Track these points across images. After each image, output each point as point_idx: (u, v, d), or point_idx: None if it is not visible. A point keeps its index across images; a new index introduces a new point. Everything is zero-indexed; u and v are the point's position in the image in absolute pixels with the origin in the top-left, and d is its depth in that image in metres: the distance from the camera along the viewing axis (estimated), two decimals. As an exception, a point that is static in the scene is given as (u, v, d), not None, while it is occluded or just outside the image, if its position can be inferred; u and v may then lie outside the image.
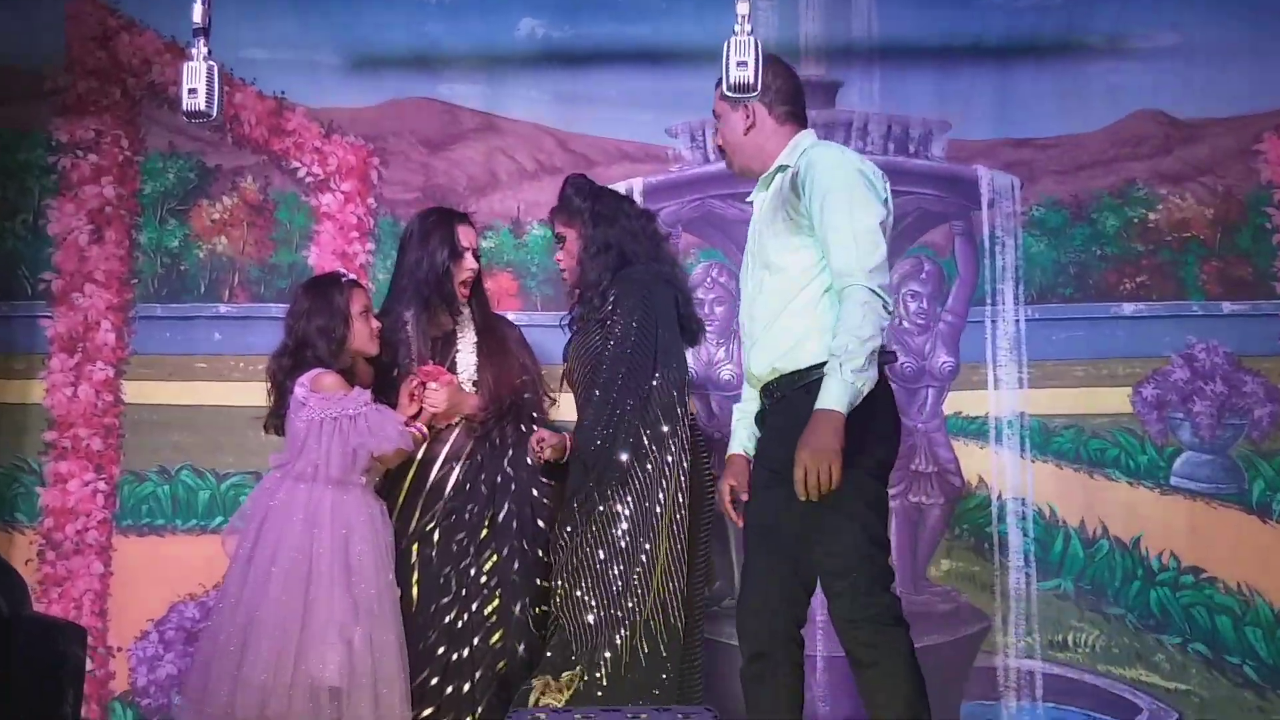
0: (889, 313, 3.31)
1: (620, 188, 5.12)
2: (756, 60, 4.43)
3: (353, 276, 4.39)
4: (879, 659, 3.32)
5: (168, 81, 5.16)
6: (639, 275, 4.14)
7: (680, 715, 3.32)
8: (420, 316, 4.30)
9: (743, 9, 4.35)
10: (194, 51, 4.51)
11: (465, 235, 4.39)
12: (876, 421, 3.37)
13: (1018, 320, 4.99)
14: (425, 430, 4.11)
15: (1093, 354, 4.97)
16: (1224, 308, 4.98)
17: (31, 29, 5.25)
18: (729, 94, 4.42)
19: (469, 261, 4.37)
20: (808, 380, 3.38)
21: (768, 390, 3.54)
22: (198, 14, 4.47)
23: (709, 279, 5.19)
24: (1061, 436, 4.93)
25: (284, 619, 3.88)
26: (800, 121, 3.66)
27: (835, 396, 3.23)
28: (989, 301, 5.02)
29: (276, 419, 4.14)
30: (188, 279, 5.20)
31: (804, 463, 3.20)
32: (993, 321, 5.01)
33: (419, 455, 4.22)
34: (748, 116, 3.62)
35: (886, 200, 3.48)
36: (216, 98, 4.52)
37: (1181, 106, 5.07)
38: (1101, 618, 4.83)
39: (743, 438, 3.75)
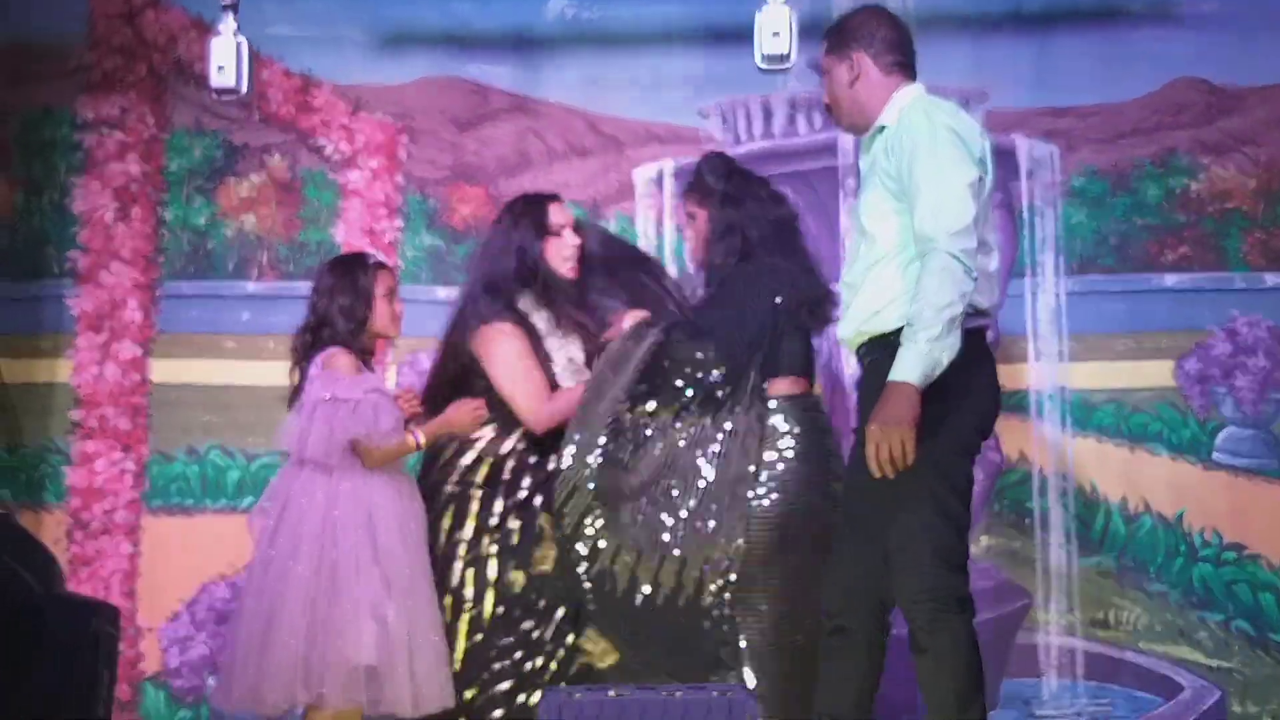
0: (972, 278, 3.16)
1: (651, 170, 5.11)
2: (791, 30, 4.41)
3: (381, 258, 4.36)
4: (933, 645, 3.20)
5: (194, 58, 5.11)
6: (749, 272, 3.99)
7: (715, 693, 3.28)
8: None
9: (776, -22, 4.33)
10: (222, 27, 4.51)
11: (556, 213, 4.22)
12: (968, 393, 3.24)
13: (1058, 293, 4.94)
14: (421, 439, 4.02)
15: (1134, 327, 4.91)
16: (1267, 280, 4.93)
17: (56, 6, 5.24)
18: (764, 66, 4.42)
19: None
20: (893, 344, 3.23)
21: (858, 354, 3.42)
22: (225, -11, 4.46)
23: (740, 258, 5.16)
24: (1103, 410, 4.88)
25: (311, 599, 3.85)
26: (908, 73, 3.46)
27: (908, 367, 3.12)
28: (1029, 274, 4.97)
29: (297, 396, 4.12)
30: (215, 257, 5.18)
31: (874, 436, 3.11)
32: (1032, 294, 4.95)
33: None
34: (852, 68, 3.43)
35: (982, 159, 3.31)
36: (246, 74, 4.51)
37: (1223, 74, 5.01)
38: (1143, 595, 4.80)
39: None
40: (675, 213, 5.14)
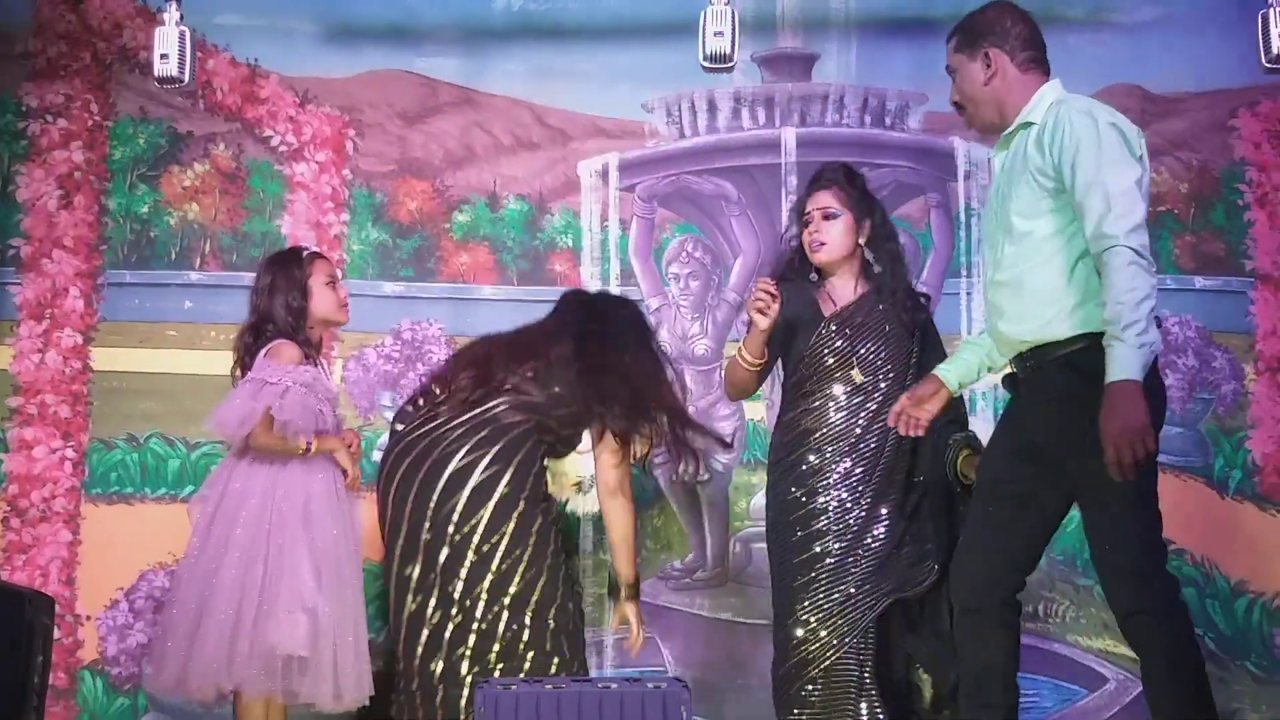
0: (1154, 273, 3.11)
1: (596, 164, 5.13)
2: (734, 30, 4.44)
3: (315, 249, 4.38)
4: (1158, 648, 3.14)
5: (139, 46, 5.12)
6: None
7: (651, 685, 3.31)
8: None
9: (720, -22, 4.36)
10: (166, 16, 4.50)
11: None
12: (1151, 395, 3.11)
13: (992, 294, 4.99)
14: (313, 447, 4.01)
15: (1067, 326, 4.98)
16: (1196, 282, 5.01)
17: (1, -9, 5.20)
18: (708, 65, 4.44)
19: None
20: (1065, 352, 3.20)
21: (1021, 359, 3.33)
22: (170, -20, 4.45)
23: (684, 253, 5.19)
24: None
25: (241, 587, 3.87)
26: (1043, 69, 3.41)
27: (1128, 365, 3.01)
28: (964, 274, 5.03)
29: None
30: (158, 246, 5.16)
31: (1114, 442, 2.99)
32: (968, 294, 5.01)
33: None
34: (988, 65, 3.37)
35: (1142, 157, 3.25)
36: (189, 63, 4.51)
37: (1159, 81, 5.08)
38: (1071, 588, 4.86)
39: (952, 369, 3.57)
40: (620, 206, 5.18)
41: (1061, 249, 3.22)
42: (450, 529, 3.90)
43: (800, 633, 3.87)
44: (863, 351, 3.99)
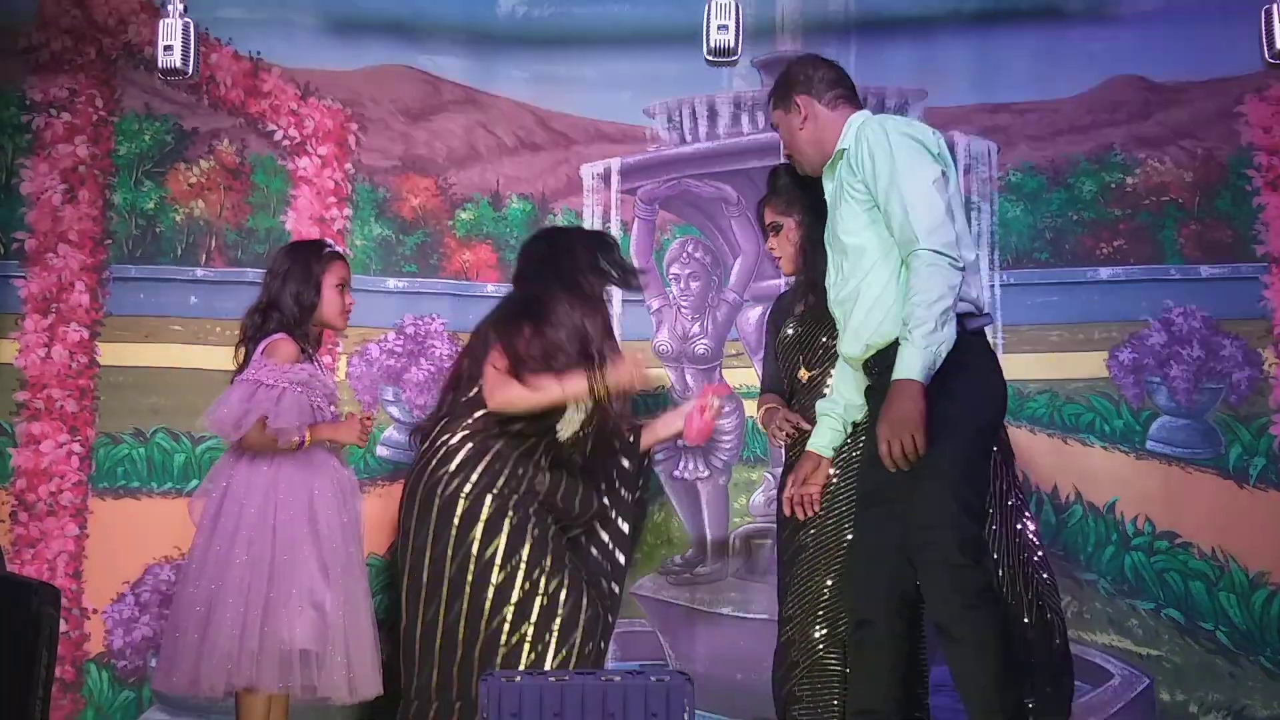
0: (958, 269, 3.27)
1: (598, 167, 5.15)
2: (738, 23, 4.44)
3: (338, 249, 4.38)
4: (968, 634, 3.25)
5: (144, 41, 5.11)
6: None
7: (654, 678, 3.32)
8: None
9: (724, -25, 4.35)
10: (170, 8, 4.51)
11: None
12: (972, 384, 3.33)
13: (993, 285, 4.97)
14: (306, 440, 4.02)
15: (1068, 318, 4.97)
16: (1202, 271, 4.99)
17: (5, -15, 5.21)
18: (711, 59, 4.44)
19: None
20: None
21: (868, 368, 3.50)
22: (174, -28, 4.46)
23: (685, 254, 5.21)
24: (1036, 401, 4.93)
25: (248, 584, 3.89)
26: (853, 103, 3.62)
27: (908, 365, 3.21)
28: (962, 264, 5.02)
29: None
30: (163, 241, 5.17)
31: (884, 435, 3.21)
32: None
33: None
34: (799, 111, 3.58)
35: (941, 154, 3.43)
36: (193, 56, 4.52)
37: (1162, 70, 5.06)
38: (1074, 583, 4.84)
39: (822, 437, 3.73)
40: (621, 208, 5.20)
41: (885, 256, 3.41)
42: (449, 562, 3.97)
43: (788, 629, 3.90)
44: (811, 348, 4.07)
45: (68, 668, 4.88)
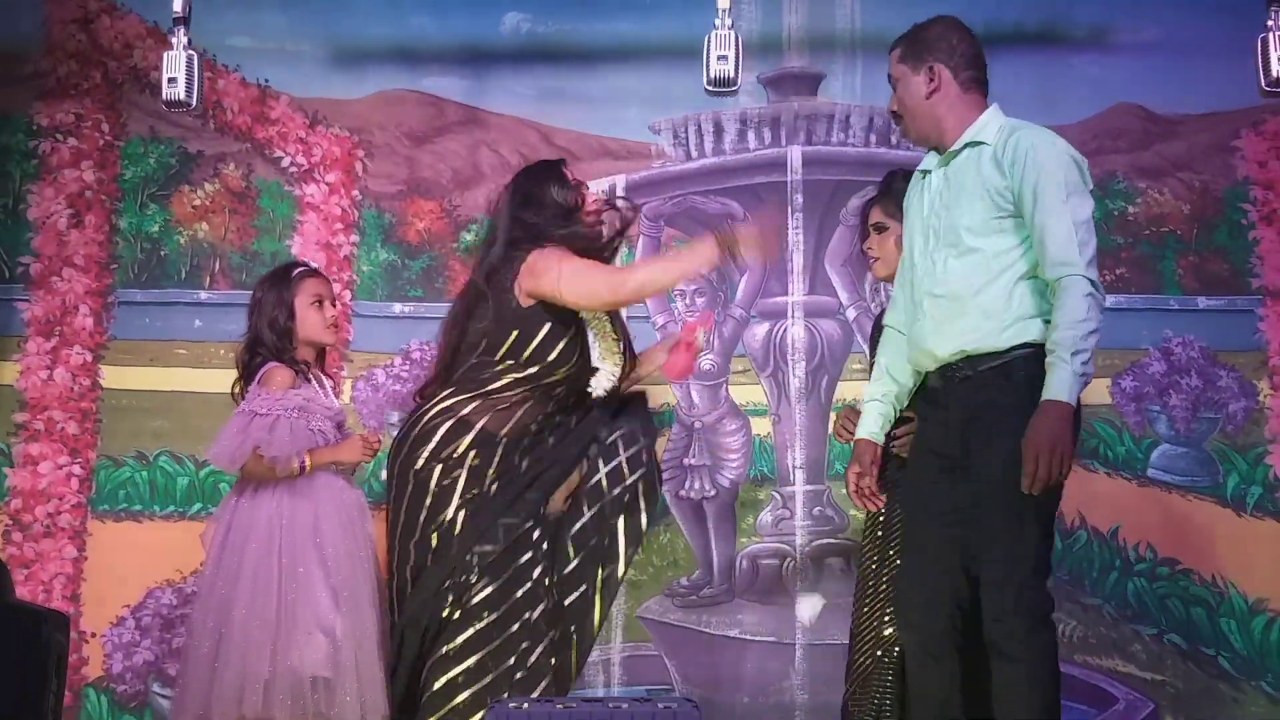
0: (1102, 309, 3.19)
1: (603, 184, 5.14)
2: (737, 54, 4.46)
3: (310, 266, 4.35)
4: (1026, 656, 3.19)
5: (149, 66, 5.13)
6: None
7: (662, 705, 3.32)
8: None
9: (723, 3, 4.39)
10: (174, 40, 4.53)
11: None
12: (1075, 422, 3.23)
13: (998, 310, 5.01)
14: (307, 464, 3.99)
15: (1072, 345, 5.00)
16: (1200, 303, 5.04)
17: (11, 11, 5.22)
18: (711, 89, 4.46)
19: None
20: (1002, 362, 3.25)
21: (948, 369, 3.36)
22: (178, 4, 4.47)
23: (691, 271, 5.21)
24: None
25: (257, 611, 3.86)
26: (984, 90, 3.45)
27: (1065, 387, 3.12)
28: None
29: None
30: (168, 265, 5.18)
31: (1035, 454, 3.09)
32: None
33: None
34: (931, 80, 3.40)
35: (1093, 191, 3.34)
36: (196, 87, 4.53)
37: (1161, 101, 5.11)
38: (1079, 608, 4.86)
39: (873, 423, 3.59)
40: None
41: (1009, 267, 3.29)
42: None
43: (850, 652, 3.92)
44: None
45: (66, 692, 4.85)
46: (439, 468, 3.88)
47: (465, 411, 3.89)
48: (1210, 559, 4.87)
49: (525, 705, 3.33)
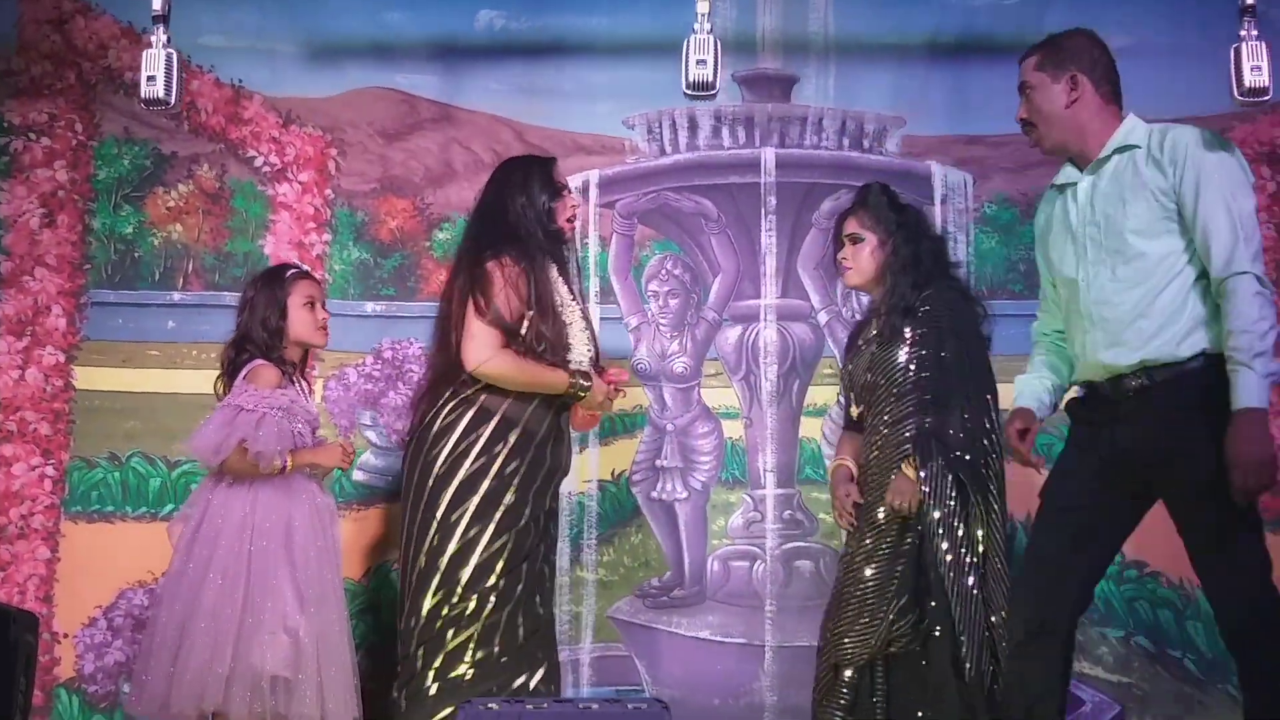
0: (1274, 304, 3.17)
1: (577, 179, 5.14)
2: (716, 59, 4.47)
3: (303, 268, 4.41)
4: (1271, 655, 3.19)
5: (124, 67, 5.13)
6: (953, 290, 4.12)
7: (631, 706, 3.34)
8: (537, 260, 4.17)
9: (703, 8, 4.39)
10: (153, 39, 4.52)
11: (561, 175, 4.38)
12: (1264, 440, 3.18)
13: (968, 315, 5.03)
14: (288, 465, 4.05)
15: (1041, 350, 5.02)
16: (1170, 308, 5.05)
17: (-16, 9, 5.20)
18: (689, 93, 4.46)
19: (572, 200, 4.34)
20: (1182, 371, 3.24)
21: (1122, 379, 3.33)
22: (157, 2, 4.47)
23: (664, 270, 5.22)
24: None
25: (221, 609, 3.89)
26: (1120, 103, 3.48)
27: (1255, 393, 3.10)
28: (940, 295, 5.07)
29: None
30: (141, 266, 5.17)
31: (1244, 468, 3.09)
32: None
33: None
34: (1073, 89, 3.41)
35: (1253, 184, 3.32)
36: (176, 86, 4.53)
37: (1132, 108, 5.10)
38: (1046, 613, 4.88)
39: (1035, 394, 3.59)
40: (600, 223, 5.21)
41: (1181, 270, 3.27)
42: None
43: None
44: (863, 383, 4.11)
45: (38, 692, 4.82)
46: (465, 458, 3.98)
47: (484, 400, 4.00)
48: (1178, 561, 4.78)
49: (495, 706, 3.35)
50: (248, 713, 3.87)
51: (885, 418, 4.02)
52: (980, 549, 3.89)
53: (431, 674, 3.95)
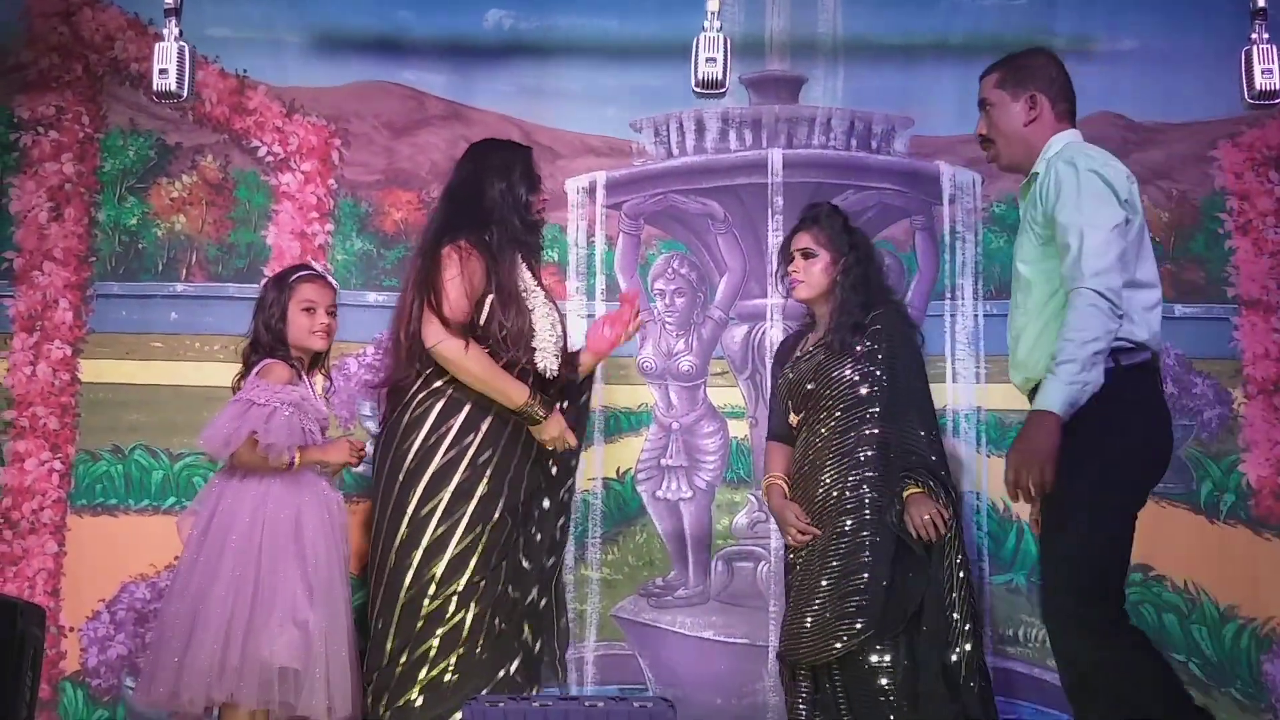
0: (1117, 315, 3.24)
1: (583, 181, 5.15)
2: (726, 57, 4.47)
3: (313, 271, 4.40)
4: (1082, 668, 3.31)
5: (130, 58, 5.13)
6: (900, 313, 4.31)
7: (637, 704, 3.34)
8: (502, 247, 4.20)
9: (712, 5, 4.38)
10: (165, 32, 4.51)
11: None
12: (1117, 427, 3.29)
13: (976, 315, 5.04)
14: (296, 461, 4.06)
15: (1050, 350, 5.03)
16: (1176, 310, 5.04)
17: (-10, 3, 5.18)
18: (699, 91, 4.46)
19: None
20: None
21: (1031, 398, 3.47)
22: (169, -6, 4.46)
23: (670, 270, 5.22)
24: (1017, 431, 4.92)
25: (232, 601, 3.91)
26: (1073, 121, 3.54)
27: (1051, 398, 3.21)
28: (948, 296, 5.08)
29: None
30: (145, 258, 5.15)
31: (1012, 465, 3.22)
32: (952, 316, 5.06)
33: None
34: (1032, 108, 3.49)
35: (1129, 200, 3.36)
36: (188, 78, 4.51)
37: (1139, 110, 5.14)
38: (1053, 613, 4.89)
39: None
40: (606, 222, 5.21)
41: (1053, 295, 3.39)
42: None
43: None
44: (803, 391, 4.24)
45: (44, 685, 4.82)
46: (435, 451, 3.99)
47: (453, 391, 4.01)
48: (1183, 566, 4.90)
49: (502, 703, 3.36)
50: (257, 703, 3.89)
51: (824, 429, 4.19)
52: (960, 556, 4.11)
53: (416, 687, 3.95)
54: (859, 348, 4.16)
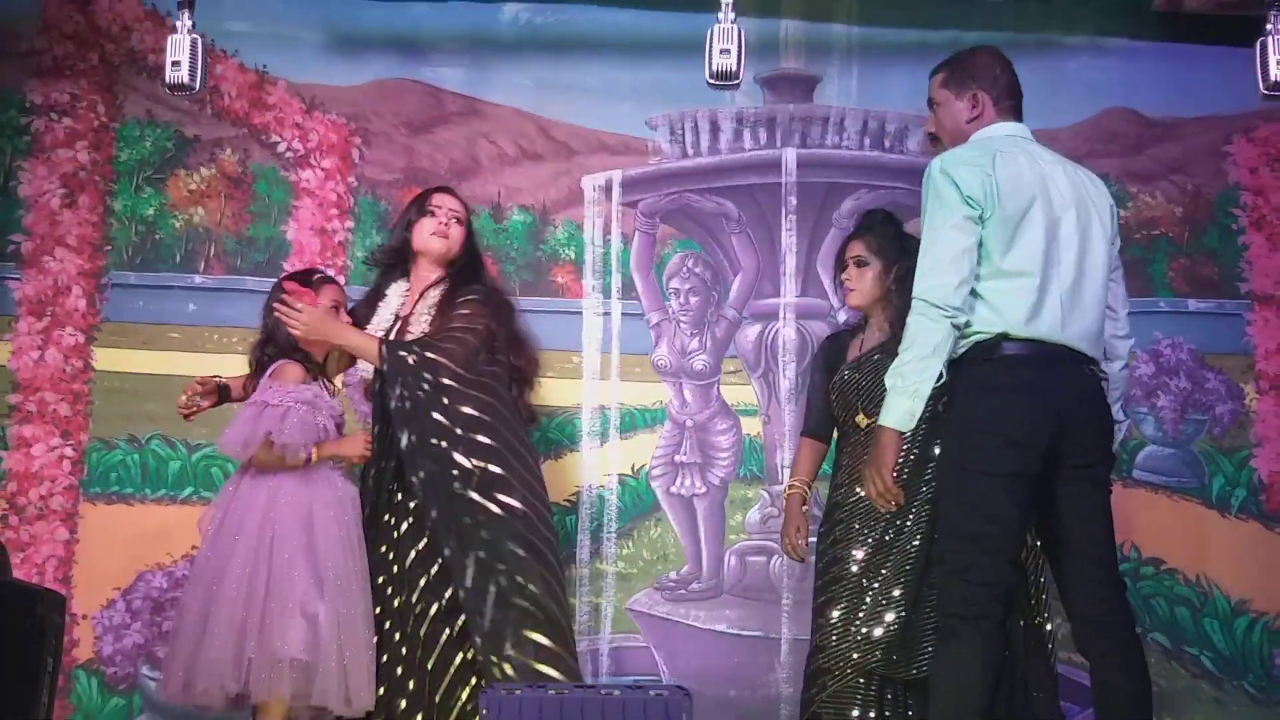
0: (946, 318, 3.24)
1: (600, 178, 5.17)
2: (740, 48, 4.47)
3: (325, 275, 4.39)
4: (939, 652, 3.40)
5: (147, 49, 5.15)
6: None
7: (654, 693, 3.34)
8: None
9: (728, -2, 4.40)
10: (179, 24, 4.52)
11: (438, 199, 4.31)
12: (978, 418, 3.31)
13: (991, 311, 5.05)
14: (313, 457, 4.07)
15: (1062, 345, 5.04)
16: (1190, 305, 5.08)
17: (6, -13, 5.20)
18: (713, 83, 4.47)
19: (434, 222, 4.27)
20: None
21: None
22: (183, -14, 4.47)
23: (684, 269, 5.24)
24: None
25: (244, 594, 3.92)
26: (1019, 118, 3.55)
27: (883, 414, 3.32)
28: (961, 294, 5.08)
29: None
30: (162, 248, 5.17)
31: (866, 477, 3.37)
32: (964, 314, 5.07)
33: None
34: (974, 106, 3.50)
35: (986, 195, 3.29)
36: (200, 71, 4.53)
37: (1154, 105, 5.16)
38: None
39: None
40: (622, 220, 5.23)
41: None
42: None
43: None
44: (872, 395, 4.09)
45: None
46: None
47: None
48: (1195, 560, 4.92)
49: (519, 691, 3.36)
50: (269, 695, 3.89)
51: None
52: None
53: None
54: None
